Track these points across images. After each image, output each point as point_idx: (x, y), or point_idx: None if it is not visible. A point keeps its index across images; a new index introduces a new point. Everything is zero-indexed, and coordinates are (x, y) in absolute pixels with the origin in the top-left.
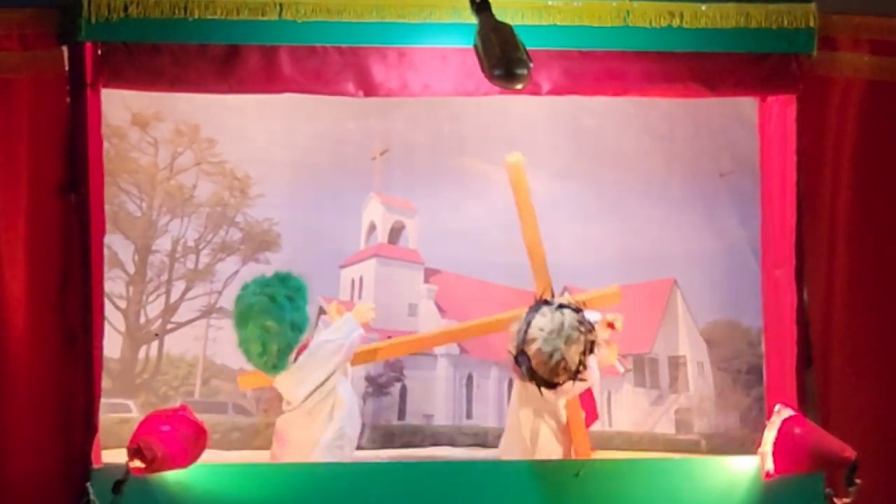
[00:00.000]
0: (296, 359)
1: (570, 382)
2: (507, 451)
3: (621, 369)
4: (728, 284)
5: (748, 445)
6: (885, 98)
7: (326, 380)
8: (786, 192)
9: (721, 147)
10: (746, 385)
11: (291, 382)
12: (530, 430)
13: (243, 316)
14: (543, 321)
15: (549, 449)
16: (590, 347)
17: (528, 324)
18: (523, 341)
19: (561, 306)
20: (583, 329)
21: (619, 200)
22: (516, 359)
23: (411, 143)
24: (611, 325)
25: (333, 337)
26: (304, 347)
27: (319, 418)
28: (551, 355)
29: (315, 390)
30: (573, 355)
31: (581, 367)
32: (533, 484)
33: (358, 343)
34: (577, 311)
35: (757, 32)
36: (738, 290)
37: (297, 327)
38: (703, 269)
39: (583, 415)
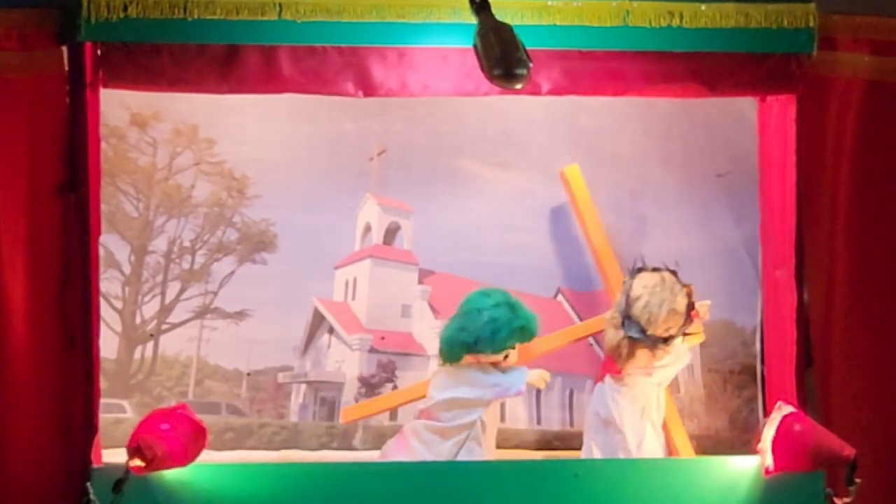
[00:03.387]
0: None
1: (681, 338)
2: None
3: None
4: (723, 284)
5: (738, 446)
6: (885, 98)
7: (464, 407)
8: (785, 192)
9: (719, 147)
10: (738, 386)
11: (437, 382)
12: (636, 433)
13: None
14: (644, 280)
15: (653, 451)
16: (690, 299)
17: (630, 287)
18: (627, 305)
19: (655, 268)
20: (682, 282)
21: (615, 201)
22: (623, 324)
23: (409, 144)
24: (695, 314)
25: (499, 378)
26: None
27: (450, 441)
28: (660, 306)
29: (454, 413)
30: (680, 305)
31: (687, 320)
32: (533, 484)
33: (510, 396)
34: (673, 271)
35: (757, 32)
36: (732, 290)
37: (467, 343)
38: (698, 268)
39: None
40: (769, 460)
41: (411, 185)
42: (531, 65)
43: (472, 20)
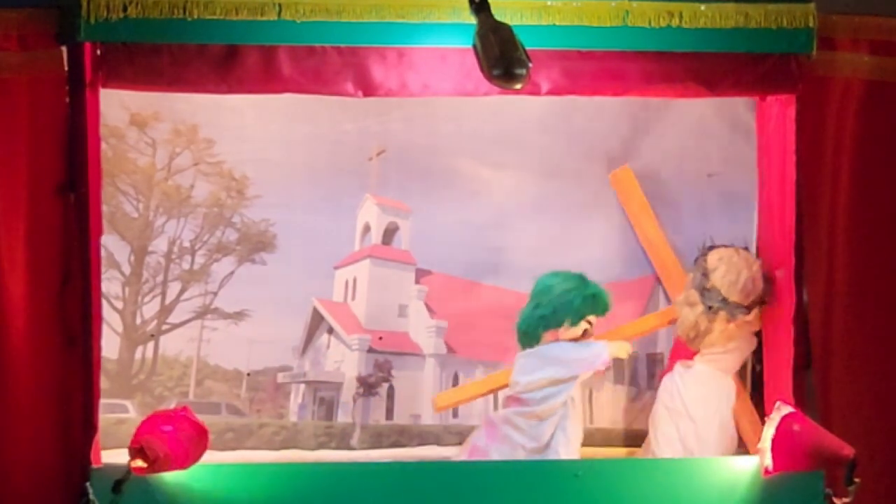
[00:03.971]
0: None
1: (757, 308)
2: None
3: None
4: None
5: None
6: (885, 98)
7: (552, 386)
8: (785, 193)
9: (711, 148)
10: None
11: (521, 367)
12: (708, 421)
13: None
14: (719, 253)
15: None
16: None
17: (705, 260)
18: (704, 277)
19: (725, 246)
20: (753, 255)
21: (605, 198)
22: (703, 296)
23: (408, 144)
24: None
25: (583, 352)
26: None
27: (547, 422)
28: (738, 273)
29: (544, 393)
30: (756, 273)
31: (766, 289)
32: (533, 484)
33: (598, 368)
34: (744, 248)
35: (756, 32)
36: None
37: (545, 317)
38: (689, 265)
39: None
40: (768, 460)
41: (410, 184)
42: (531, 65)
43: (472, 20)
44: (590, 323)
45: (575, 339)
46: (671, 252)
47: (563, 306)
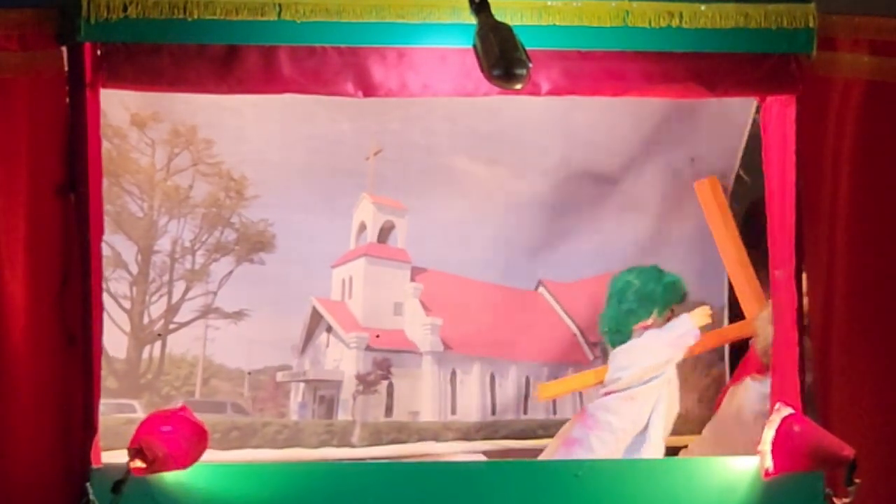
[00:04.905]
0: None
1: None
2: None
3: None
4: (694, 267)
5: (705, 423)
6: (885, 98)
7: (653, 373)
8: (785, 193)
9: (701, 139)
10: (707, 364)
11: (618, 364)
12: None
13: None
14: None
15: None
16: None
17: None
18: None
19: None
20: None
21: (598, 192)
22: None
23: (404, 144)
24: None
25: (672, 332)
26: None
27: (642, 404)
28: None
29: (641, 379)
30: None
31: None
32: (533, 484)
33: (691, 342)
34: None
35: (756, 32)
36: (702, 272)
37: (633, 311)
38: (674, 254)
39: None
40: (769, 462)
41: (406, 183)
42: (531, 65)
43: (472, 20)
44: (672, 310)
45: (660, 327)
46: (749, 266)
47: (647, 298)
